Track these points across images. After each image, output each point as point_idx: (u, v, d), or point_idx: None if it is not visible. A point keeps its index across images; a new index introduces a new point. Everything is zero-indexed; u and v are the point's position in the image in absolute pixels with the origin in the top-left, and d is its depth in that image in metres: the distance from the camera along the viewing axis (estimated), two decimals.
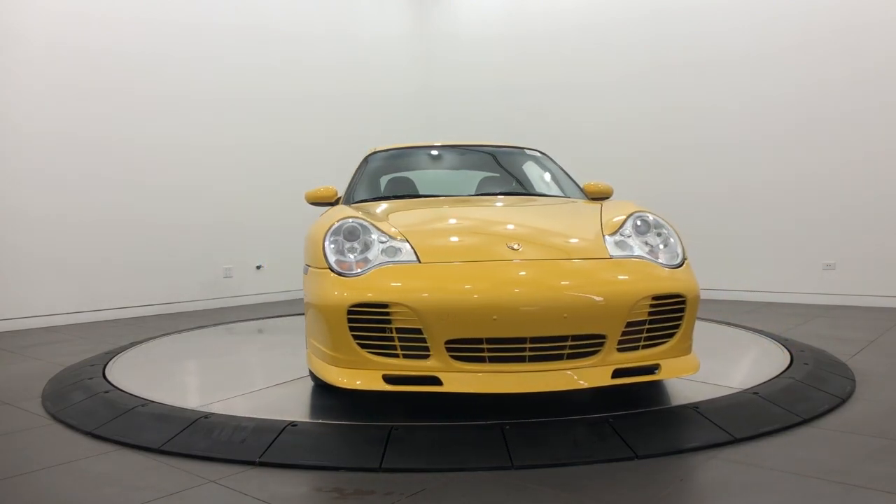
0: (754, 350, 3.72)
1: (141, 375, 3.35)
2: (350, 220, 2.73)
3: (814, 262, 6.12)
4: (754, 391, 2.74)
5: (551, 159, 4.20)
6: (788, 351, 3.57)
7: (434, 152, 4.31)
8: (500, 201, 3.58)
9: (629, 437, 2.27)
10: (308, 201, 3.84)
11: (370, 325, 2.38)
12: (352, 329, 2.38)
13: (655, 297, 2.40)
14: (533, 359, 2.32)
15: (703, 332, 4.38)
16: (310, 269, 2.74)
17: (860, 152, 5.87)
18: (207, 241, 6.54)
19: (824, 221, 6.07)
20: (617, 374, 2.34)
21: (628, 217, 2.78)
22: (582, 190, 3.86)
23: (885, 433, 2.40)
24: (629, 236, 2.69)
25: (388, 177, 4.12)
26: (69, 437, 2.53)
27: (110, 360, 3.72)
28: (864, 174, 5.86)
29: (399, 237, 2.65)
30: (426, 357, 2.34)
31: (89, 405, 2.81)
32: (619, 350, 2.37)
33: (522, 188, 3.92)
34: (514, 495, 1.93)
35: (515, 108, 7.89)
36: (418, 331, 2.33)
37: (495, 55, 8.11)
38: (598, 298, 2.34)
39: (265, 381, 3.12)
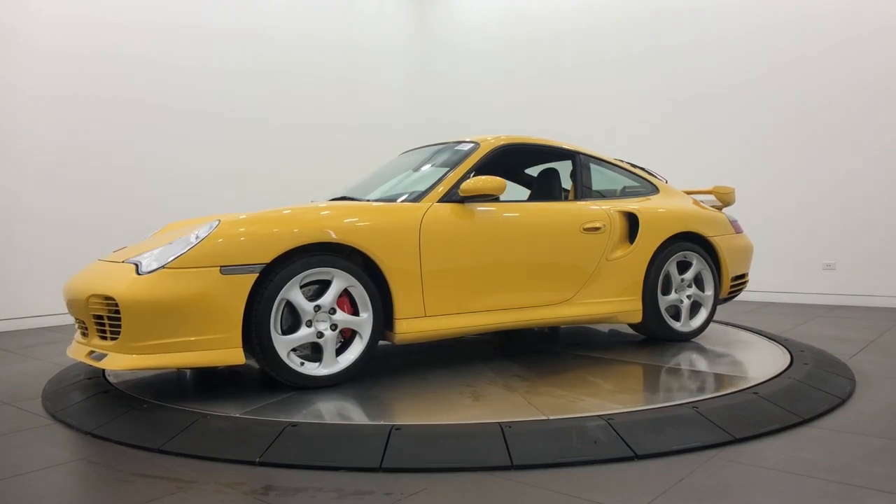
0: (754, 350, 3.72)
1: (141, 375, 3.34)
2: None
3: (814, 262, 6.13)
4: (754, 391, 2.74)
5: (469, 151, 3.57)
6: (788, 351, 3.56)
7: (401, 155, 4.27)
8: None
9: (629, 437, 2.27)
10: None
11: None
12: None
13: (101, 297, 2.72)
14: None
15: (703, 332, 4.40)
16: None
17: (860, 153, 5.88)
18: None
19: (824, 221, 6.07)
20: (93, 355, 2.75)
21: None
22: (456, 189, 3.38)
23: (885, 433, 2.40)
24: (179, 244, 2.77)
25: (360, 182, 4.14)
26: (69, 437, 2.53)
27: None
28: (864, 174, 5.86)
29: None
30: None
31: (89, 405, 2.81)
32: (102, 337, 2.77)
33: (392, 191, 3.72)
34: (514, 495, 1.93)
35: (515, 108, 7.89)
36: None
37: (496, 54, 8.12)
38: (78, 294, 2.87)
39: (265, 380, 3.11)
